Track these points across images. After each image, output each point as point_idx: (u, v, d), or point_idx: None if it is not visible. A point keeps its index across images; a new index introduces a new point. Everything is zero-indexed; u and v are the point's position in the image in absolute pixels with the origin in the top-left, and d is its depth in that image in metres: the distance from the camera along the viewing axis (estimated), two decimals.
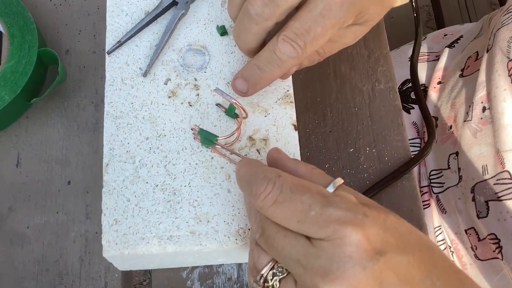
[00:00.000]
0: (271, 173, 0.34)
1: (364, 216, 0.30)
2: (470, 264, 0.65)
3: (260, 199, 0.33)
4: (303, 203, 0.31)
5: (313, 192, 0.32)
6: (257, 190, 0.33)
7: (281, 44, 0.38)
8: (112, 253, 0.39)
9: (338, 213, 0.30)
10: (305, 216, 0.31)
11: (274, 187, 0.33)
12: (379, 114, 0.54)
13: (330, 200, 0.31)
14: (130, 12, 0.47)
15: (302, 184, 0.33)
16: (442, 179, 0.66)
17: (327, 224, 0.30)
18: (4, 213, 0.49)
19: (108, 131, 0.43)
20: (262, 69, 0.40)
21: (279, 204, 0.32)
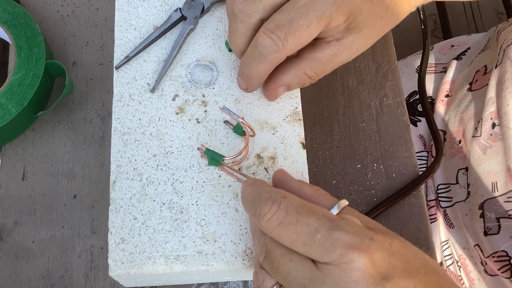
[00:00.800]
0: (276, 194, 0.33)
1: (371, 241, 0.30)
2: (478, 279, 0.64)
3: (265, 220, 0.32)
4: (309, 225, 0.31)
5: (319, 214, 0.32)
6: (261, 210, 0.33)
7: (261, 37, 0.37)
8: (118, 272, 0.38)
9: (345, 237, 0.30)
10: (311, 239, 0.31)
11: (279, 208, 0.32)
12: (387, 130, 0.54)
13: (336, 224, 0.31)
14: (139, 26, 0.46)
15: (308, 206, 0.33)
16: (450, 194, 0.66)
17: (333, 248, 0.30)
18: (10, 227, 0.49)
19: (116, 148, 0.42)
20: (248, 67, 0.39)
21: (284, 226, 0.32)
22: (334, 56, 0.40)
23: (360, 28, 0.39)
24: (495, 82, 0.59)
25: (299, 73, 0.40)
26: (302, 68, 0.40)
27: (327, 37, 0.39)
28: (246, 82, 0.41)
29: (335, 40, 0.39)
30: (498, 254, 0.57)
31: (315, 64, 0.40)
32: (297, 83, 0.41)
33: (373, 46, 0.57)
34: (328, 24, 0.37)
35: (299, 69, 0.40)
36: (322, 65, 0.40)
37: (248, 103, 0.44)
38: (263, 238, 0.33)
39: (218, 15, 0.47)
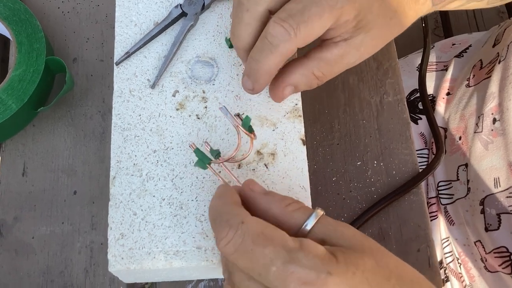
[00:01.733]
0: (234, 218, 0.32)
1: (328, 275, 0.28)
2: (478, 276, 0.64)
3: (222, 245, 0.31)
4: (265, 256, 0.30)
5: (275, 245, 0.30)
6: (219, 234, 0.32)
7: (272, 27, 0.35)
8: (118, 268, 0.38)
9: (300, 272, 0.29)
10: (266, 271, 0.29)
11: (235, 235, 0.31)
12: (387, 127, 0.54)
13: (293, 256, 0.29)
14: (139, 22, 0.46)
15: (266, 233, 0.31)
16: (451, 191, 0.66)
17: (287, 283, 0.29)
18: (10, 223, 0.49)
19: (116, 143, 0.42)
20: (256, 60, 0.37)
21: (240, 254, 0.31)
22: (341, 57, 0.39)
23: (369, 28, 0.38)
24: (497, 78, 0.59)
25: (307, 72, 0.39)
26: (309, 67, 0.39)
27: (335, 37, 0.38)
28: (253, 79, 0.39)
29: (343, 40, 0.38)
30: (499, 250, 0.57)
31: (322, 64, 0.39)
32: (305, 83, 0.40)
33: None
34: (339, 18, 0.36)
35: (307, 68, 0.39)
36: (330, 65, 0.39)
37: (248, 99, 0.44)
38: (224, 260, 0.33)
39: (218, 11, 0.47)
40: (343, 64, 0.40)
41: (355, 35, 0.38)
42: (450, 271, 0.68)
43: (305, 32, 0.35)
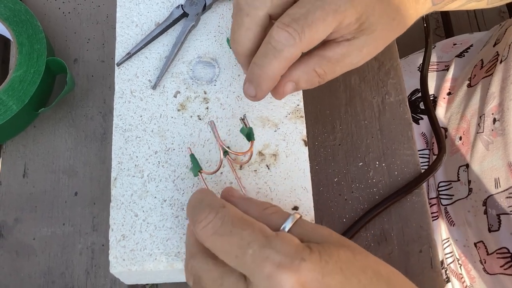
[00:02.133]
0: (215, 202, 0.33)
1: (302, 261, 0.29)
2: (479, 278, 0.64)
3: (200, 227, 0.32)
4: (243, 239, 0.30)
5: (254, 229, 0.31)
6: (198, 217, 0.32)
7: (276, 32, 0.35)
8: (119, 269, 0.38)
9: (275, 256, 0.29)
10: (243, 253, 0.30)
11: (215, 217, 0.31)
12: (389, 128, 0.53)
13: (270, 241, 0.30)
14: (140, 23, 0.46)
15: (245, 218, 0.32)
16: (452, 191, 0.65)
17: (263, 265, 0.29)
18: (11, 224, 0.49)
19: (117, 144, 0.42)
20: (260, 65, 0.37)
21: (218, 235, 0.31)
22: (344, 56, 0.39)
23: (372, 30, 0.38)
24: (498, 78, 0.59)
25: (308, 69, 0.39)
26: (311, 64, 0.39)
27: (338, 37, 0.38)
28: (256, 85, 0.38)
29: (345, 40, 0.38)
30: (501, 251, 0.57)
31: (324, 61, 0.39)
32: (306, 80, 0.40)
33: None
34: (342, 21, 0.36)
35: (308, 65, 0.39)
36: (332, 63, 0.39)
37: None
38: (191, 262, 0.33)
39: (220, 12, 0.47)
40: (345, 64, 0.39)
41: (357, 36, 0.38)
42: (451, 271, 0.68)
43: (310, 36, 0.35)
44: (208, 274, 0.31)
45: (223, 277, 0.31)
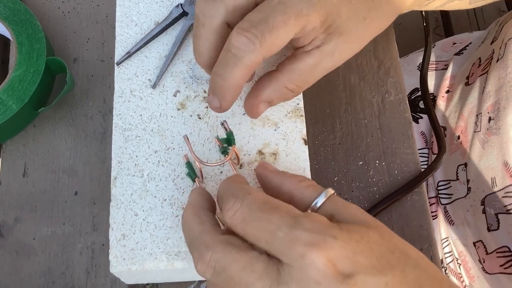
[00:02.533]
0: (240, 191, 0.33)
1: (333, 239, 0.29)
2: (478, 277, 0.64)
3: (229, 216, 0.32)
4: (271, 223, 0.30)
5: (282, 212, 0.31)
6: (225, 206, 0.32)
7: (235, 38, 0.34)
8: (119, 269, 0.38)
9: (305, 235, 0.29)
10: (273, 236, 0.30)
11: (242, 205, 0.31)
12: (389, 127, 0.53)
13: (298, 221, 0.30)
14: (140, 22, 0.46)
15: (272, 203, 0.32)
16: (450, 190, 0.65)
17: (294, 246, 0.29)
18: (10, 224, 0.49)
19: (117, 144, 0.42)
20: (221, 75, 0.35)
21: (247, 222, 0.31)
22: (315, 65, 0.37)
23: (341, 32, 0.37)
24: (494, 76, 0.59)
25: (280, 87, 0.38)
26: (282, 81, 0.38)
27: (307, 45, 0.37)
28: (220, 96, 0.37)
29: (315, 48, 0.37)
30: (502, 250, 0.57)
31: (295, 76, 0.38)
32: (278, 97, 0.39)
33: (375, 42, 0.57)
34: (306, 25, 0.35)
35: (279, 82, 0.38)
36: (304, 76, 0.38)
37: None
38: (209, 254, 0.31)
39: None
40: (318, 72, 0.38)
41: (327, 41, 0.37)
42: (450, 271, 0.68)
43: (271, 41, 0.34)
44: (235, 264, 0.31)
45: (252, 263, 0.30)
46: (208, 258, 0.31)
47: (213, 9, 0.35)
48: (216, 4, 0.35)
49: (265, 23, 0.33)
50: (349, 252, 0.29)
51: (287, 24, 0.34)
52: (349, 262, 0.29)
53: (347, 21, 0.36)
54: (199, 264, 0.32)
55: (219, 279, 0.31)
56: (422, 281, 0.31)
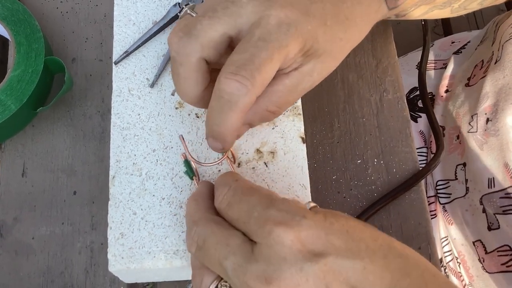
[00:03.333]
0: (229, 177, 0.35)
1: (302, 218, 0.30)
2: (477, 276, 0.64)
3: (217, 202, 0.34)
4: (249, 204, 0.32)
5: (261, 194, 0.33)
6: (216, 194, 0.35)
7: (225, 84, 0.33)
8: (118, 268, 0.38)
9: (276, 215, 0.30)
10: (249, 216, 0.31)
11: (229, 190, 0.34)
12: (387, 125, 0.53)
13: (273, 203, 0.31)
14: (138, 21, 0.46)
15: (254, 187, 0.34)
16: (449, 190, 0.65)
17: (264, 224, 0.30)
18: (10, 223, 0.49)
19: (115, 143, 0.42)
20: (219, 123, 0.35)
21: (231, 206, 0.33)
22: (295, 87, 0.37)
23: (319, 54, 0.37)
24: (492, 77, 0.59)
25: (260, 110, 0.37)
26: (262, 105, 0.37)
27: (285, 68, 0.37)
28: (222, 141, 0.36)
29: (293, 70, 0.37)
30: (503, 248, 0.57)
31: (275, 98, 0.37)
32: (259, 119, 0.38)
33: (373, 41, 0.58)
34: (287, 55, 0.35)
35: (259, 106, 0.37)
36: (284, 97, 0.37)
37: None
38: (194, 229, 0.33)
39: None
40: (297, 93, 0.38)
41: (305, 62, 0.37)
42: (449, 270, 0.68)
43: (260, 79, 0.33)
44: (212, 237, 0.32)
45: (228, 238, 0.31)
46: (193, 232, 0.33)
47: (188, 47, 0.35)
48: (191, 42, 0.35)
49: (252, 63, 0.33)
50: (320, 232, 0.29)
51: (272, 59, 0.34)
52: (320, 241, 0.29)
53: (324, 44, 0.36)
54: (187, 239, 0.34)
55: (200, 254, 0.33)
56: (409, 269, 0.30)
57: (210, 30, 0.35)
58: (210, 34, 0.35)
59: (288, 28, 0.34)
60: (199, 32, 0.35)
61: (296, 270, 0.29)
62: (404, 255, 0.31)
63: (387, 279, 0.29)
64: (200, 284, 0.33)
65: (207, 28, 0.35)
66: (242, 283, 0.30)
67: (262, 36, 0.34)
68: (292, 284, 0.28)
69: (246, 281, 0.29)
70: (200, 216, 0.34)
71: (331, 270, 0.29)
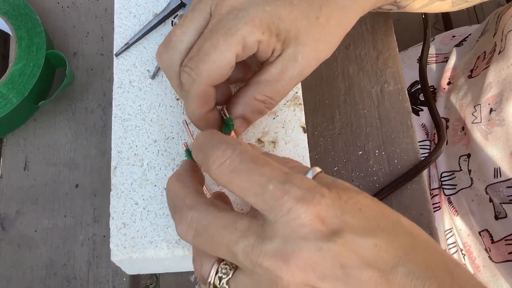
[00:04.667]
0: (231, 140, 0.31)
1: (322, 197, 0.29)
2: (484, 267, 0.64)
3: (216, 165, 0.30)
4: (263, 175, 0.29)
5: (274, 166, 0.30)
6: (213, 154, 0.30)
7: (181, 76, 0.36)
8: (120, 257, 0.38)
9: (295, 191, 0.29)
10: (263, 189, 0.29)
11: (233, 153, 0.30)
12: (388, 116, 0.53)
13: (290, 177, 0.29)
14: (138, 14, 0.47)
15: (263, 157, 0.31)
16: (455, 181, 0.65)
17: (284, 200, 0.29)
18: (12, 217, 0.49)
19: (116, 134, 0.42)
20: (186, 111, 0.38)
21: (237, 173, 0.30)
22: (281, 73, 0.37)
23: (294, 36, 0.36)
24: (495, 68, 0.59)
25: (248, 100, 0.38)
26: (249, 93, 0.38)
27: (269, 57, 0.37)
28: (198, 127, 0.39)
29: (276, 56, 0.37)
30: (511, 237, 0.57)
31: (262, 86, 0.37)
32: (251, 111, 0.39)
33: (373, 34, 0.58)
34: (244, 41, 0.35)
35: (247, 95, 0.38)
36: (271, 85, 0.37)
37: None
38: (191, 214, 0.31)
39: None
40: (287, 80, 0.38)
41: (285, 47, 0.37)
42: None
43: (206, 68, 0.35)
44: (216, 222, 0.30)
45: (235, 221, 0.30)
46: (189, 218, 0.31)
47: (169, 57, 0.37)
48: (171, 52, 0.37)
49: (197, 54, 0.35)
50: (337, 211, 0.29)
51: (217, 47, 0.34)
52: (337, 220, 0.29)
53: (295, 22, 0.36)
54: (180, 225, 0.31)
55: (200, 240, 0.31)
56: (417, 245, 0.30)
57: (184, 37, 0.37)
58: (184, 41, 0.37)
59: (238, 13, 0.35)
60: (175, 43, 0.37)
61: (316, 249, 0.28)
62: (411, 232, 0.31)
63: (396, 256, 0.29)
64: (200, 269, 0.32)
65: (181, 36, 0.37)
66: (255, 265, 0.28)
67: (213, 27, 0.35)
68: (310, 263, 0.28)
69: (261, 263, 0.28)
70: (194, 199, 0.31)
71: (346, 249, 0.28)
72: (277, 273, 0.28)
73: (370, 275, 0.28)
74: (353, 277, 0.28)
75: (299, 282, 0.28)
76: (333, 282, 0.28)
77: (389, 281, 0.28)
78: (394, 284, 0.28)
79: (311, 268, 0.28)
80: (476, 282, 0.30)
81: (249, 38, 0.35)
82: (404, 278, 0.28)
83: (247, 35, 0.35)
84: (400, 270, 0.28)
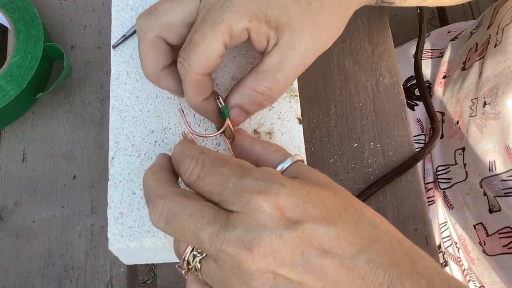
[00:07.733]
0: (195, 150, 0.34)
1: (280, 186, 0.30)
2: (478, 259, 0.65)
3: (186, 176, 0.33)
4: (222, 175, 0.31)
5: (232, 164, 0.32)
6: (183, 167, 0.33)
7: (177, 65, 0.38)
8: (118, 246, 0.39)
9: (253, 183, 0.30)
10: (223, 187, 0.31)
11: (197, 163, 0.33)
12: (383, 109, 0.54)
13: (248, 172, 0.31)
14: (135, 6, 0.47)
15: (223, 158, 0.33)
16: (450, 175, 0.66)
17: (242, 194, 0.30)
18: (10, 208, 0.50)
19: (114, 125, 0.43)
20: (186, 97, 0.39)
21: (201, 179, 0.32)
22: (279, 63, 0.37)
23: (287, 22, 0.37)
24: (492, 61, 0.59)
25: (247, 90, 0.38)
26: (249, 84, 0.38)
27: (267, 47, 0.38)
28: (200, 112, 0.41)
29: (273, 45, 0.37)
30: (504, 230, 0.58)
31: (261, 77, 0.38)
32: (249, 102, 0.39)
33: (369, 28, 0.58)
34: (231, 30, 0.36)
35: (246, 86, 0.38)
36: (270, 75, 0.38)
37: None
38: (161, 203, 0.32)
39: None
40: (286, 69, 0.38)
41: (280, 35, 0.37)
42: (448, 255, 0.69)
43: (197, 58, 0.36)
44: (184, 210, 0.31)
45: (202, 209, 0.31)
46: (160, 207, 0.32)
47: (146, 25, 0.38)
48: (150, 21, 0.38)
49: (189, 45, 0.36)
50: (298, 200, 0.30)
51: (205, 38, 0.36)
52: (298, 209, 0.30)
53: (284, 9, 0.36)
54: (153, 214, 0.32)
55: (170, 228, 0.32)
56: (379, 236, 0.31)
57: (170, 12, 0.38)
58: (168, 16, 0.38)
59: (223, 3, 0.36)
60: (159, 13, 0.38)
61: (276, 236, 0.29)
62: (374, 223, 0.32)
63: (358, 244, 0.30)
64: (178, 245, 0.33)
65: (167, 10, 0.38)
66: (220, 252, 0.30)
67: (202, 17, 0.36)
68: (271, 250, 0.29)
69: (225, 249, 0.29)
70: (165, 189, 0.33)
71: (307, 237, 0.29)
72: (240, 259, 0.29)
73: (331, 262, 0.29)
74: (314, 264, 0.29)
75: (261, 268, 0.29)
76: (294, 269, 0.29)
77: (350, 269, 0.29)
78: (355, 271, 0.29)
79: (272, 255, 0.29)
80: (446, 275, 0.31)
81: (236, 27, 0.36)
82: (365, 266, 0.29)
83: (233, 23, 0.36)
84: (362, 258, 0.29)
